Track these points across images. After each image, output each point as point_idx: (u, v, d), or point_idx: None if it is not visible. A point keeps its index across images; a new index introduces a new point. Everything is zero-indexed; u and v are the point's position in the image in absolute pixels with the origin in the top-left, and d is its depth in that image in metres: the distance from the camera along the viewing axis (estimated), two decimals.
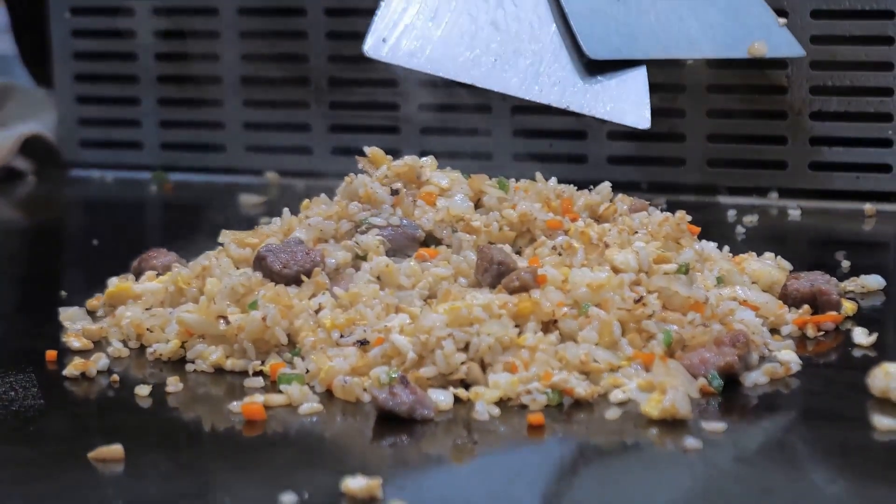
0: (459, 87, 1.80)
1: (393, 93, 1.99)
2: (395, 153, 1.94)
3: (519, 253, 1.26)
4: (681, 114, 1.87)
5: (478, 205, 1.30)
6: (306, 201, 1.34)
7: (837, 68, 1.80)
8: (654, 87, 1.87)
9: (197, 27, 2.09)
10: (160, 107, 2.12)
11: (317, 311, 1.18)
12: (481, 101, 1.95)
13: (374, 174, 1.32)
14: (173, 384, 1.14)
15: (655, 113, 1.88)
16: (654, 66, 1.82)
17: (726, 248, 1.37)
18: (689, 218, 1.31)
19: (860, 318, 1.29)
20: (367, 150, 1.35)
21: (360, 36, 1.99)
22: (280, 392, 1.11)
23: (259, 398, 1.10)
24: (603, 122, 1.68)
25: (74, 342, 1.24)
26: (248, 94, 2.07)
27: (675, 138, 1.88)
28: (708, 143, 1.87)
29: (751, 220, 1.72)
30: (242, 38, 2.06)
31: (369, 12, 1.99)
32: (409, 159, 1.32)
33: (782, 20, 1.72)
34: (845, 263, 1.47)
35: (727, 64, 1.83)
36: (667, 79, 1.87)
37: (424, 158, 1.34)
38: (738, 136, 1.86)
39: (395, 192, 1.30)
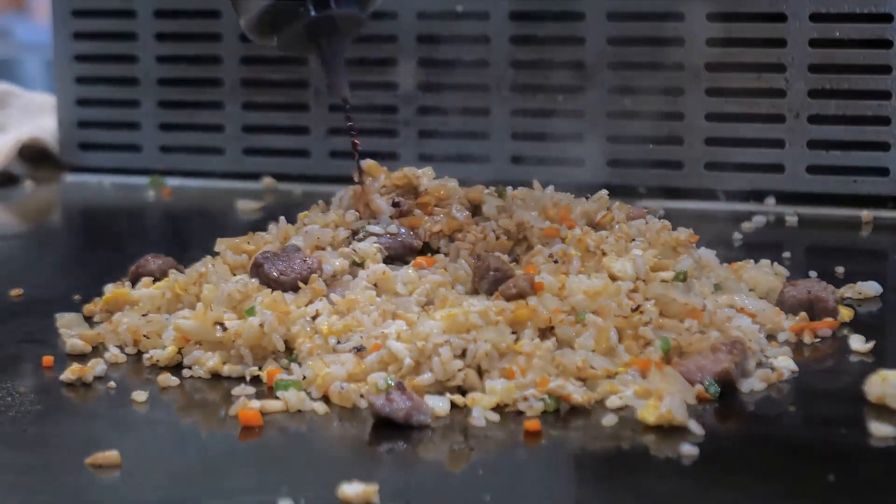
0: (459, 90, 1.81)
1: (392, 96, 1.99)
2: (394, 156, 1.96)
3: (516, 261, 1.26)
4: (679, 117, 1.87)
5: (475, 213, 1.31)
6: (304, 213, 1.34)
7: (836, 72, 1.80)
8: (652, 90, 1.88)
9: (197, 30, 2.09)
10: (160, 109, 2.12)
11: (314, 318, 1.18)
12: (480, 105, 1.95)
13: (373, 185, 1.32)
14: (170, 390, 1.15)
15: (654, 116, 1.89)
16: (654, 69, 1.83)
17: (725, 264, 1.37)
18: (696, 237, 1.31)
19: (857, 324, 1.29)
20: (362, 163, 1.35)
21: (359, 39, 2.00)
22: (277, 398, 1.11)
23: (256, 404, 1.10)
24: None
25: (76, 341, 1.24)
26: (247, 97, 2.08)
27: (674, 141, 1.88)
28: (706, 147, 1.87)
29: (748, 226, 1.73)
30: (243, 40, 2.06)
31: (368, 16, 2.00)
32: (407, 170, 1.33)
33: None
34: (841, 270, 1.47)
35: (726, 67, 1.84)
36: (665, 82, 1.87)
37: (422, 169, 1.35)
38: (737, 140, 1.86)
39: (396, 205, 1.30)
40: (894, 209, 1.80)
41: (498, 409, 1.09)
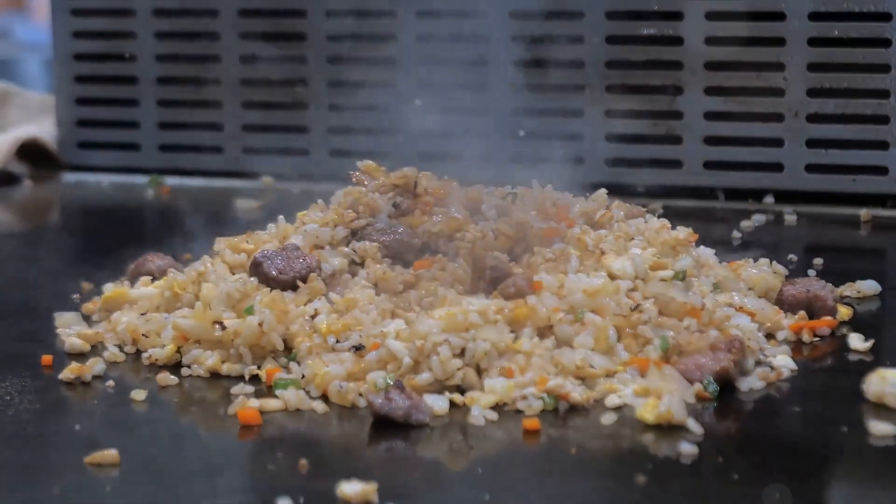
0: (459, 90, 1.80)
1: (391, 95, 1.99)
2: (393, 156, 1.96)
3: (516, 261, 1.26)
4: (678, 116, 1.87)
5: (475, 213, 1.31)
6: (303, 212, 1.34)
7: (835, 70, 1.80)
8: (652, 89, 1.88)
9: (197, 28, 2.09)
10: (159, 108, 2.12)
11: (313, 317, 1.18)
12: (479, 105, 1.95)
13: (371, 184, 1.33)
14: (169, 389, 1.15)
15: (653, 115, 1.89)
16: (653, 67, 1.82)
17: (724, 263, 1.37)
18: (695, 236, 1.31)
19: (856, 323, 1.29)
20: (359, 164, 1.35)
21: (359, 38, 2.01)
22: (276, 397, 1.11)
23: (254, 403, 1.10)
24: None
25: (75, 340, 1.24)
26: (246, 96, 2.08)
27: (672, 140, 1.88)
28: (705, 146, 1.87)
29: (747, 225, 1.73)
30: (242, 39, 2.06)
31: (368, 14, 2.00)
32: (406, 170, 1.33)
33: None
34: (840, 268, 1.47)
35: (725, 66, 1.84)
36: (664, 80, 1.87)
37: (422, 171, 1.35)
38: (735, 139, 1.86)
39: (396, 206, 1.30)
40: (893, 208, 1.80)
41: (497, 407, 1.09)
